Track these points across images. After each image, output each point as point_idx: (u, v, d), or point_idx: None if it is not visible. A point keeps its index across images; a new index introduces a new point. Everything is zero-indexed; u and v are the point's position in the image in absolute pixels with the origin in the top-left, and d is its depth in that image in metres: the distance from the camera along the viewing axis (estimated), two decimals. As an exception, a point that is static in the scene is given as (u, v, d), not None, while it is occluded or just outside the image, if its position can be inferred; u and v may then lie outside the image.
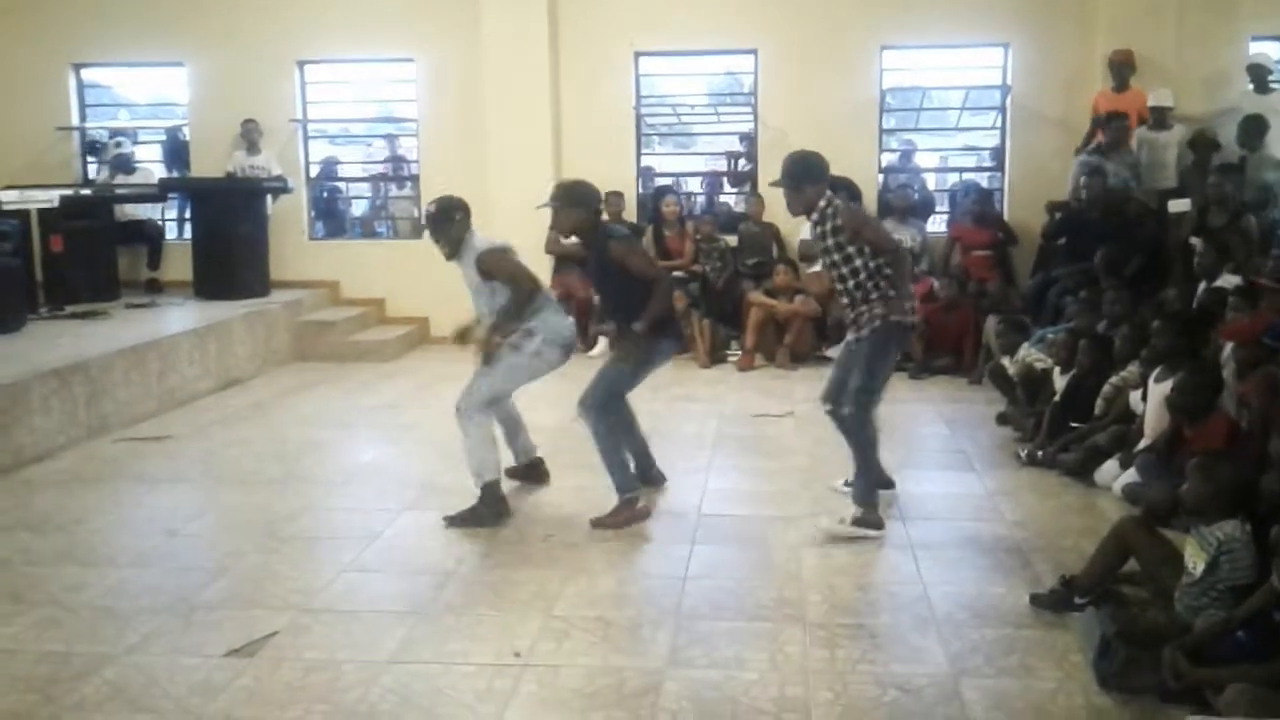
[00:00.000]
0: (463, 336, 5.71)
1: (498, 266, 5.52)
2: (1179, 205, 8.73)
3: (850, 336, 5.34)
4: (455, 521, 5.37)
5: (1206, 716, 3.16)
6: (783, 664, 3.90)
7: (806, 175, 5.22)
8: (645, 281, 5.38)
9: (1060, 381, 6.81)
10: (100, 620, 4.32)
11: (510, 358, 5.52)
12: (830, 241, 5.19)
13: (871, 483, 5.32)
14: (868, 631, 4.17)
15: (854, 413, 5.23)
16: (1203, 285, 7.29)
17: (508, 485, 5.70)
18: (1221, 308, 6.44)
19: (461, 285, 5.76)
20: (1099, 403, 6.40)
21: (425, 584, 4.68)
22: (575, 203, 5.48)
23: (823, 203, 5.20)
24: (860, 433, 5.28)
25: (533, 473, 6.05)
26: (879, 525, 5.20)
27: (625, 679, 3.79)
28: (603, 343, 10.08)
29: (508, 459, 5.92)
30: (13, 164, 10.95)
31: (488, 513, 5.40)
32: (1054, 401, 6.68)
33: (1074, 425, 6.43)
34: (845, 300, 5.27)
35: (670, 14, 10.44)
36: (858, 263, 5.13)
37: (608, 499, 5.47)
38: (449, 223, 5.58)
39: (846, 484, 5.52)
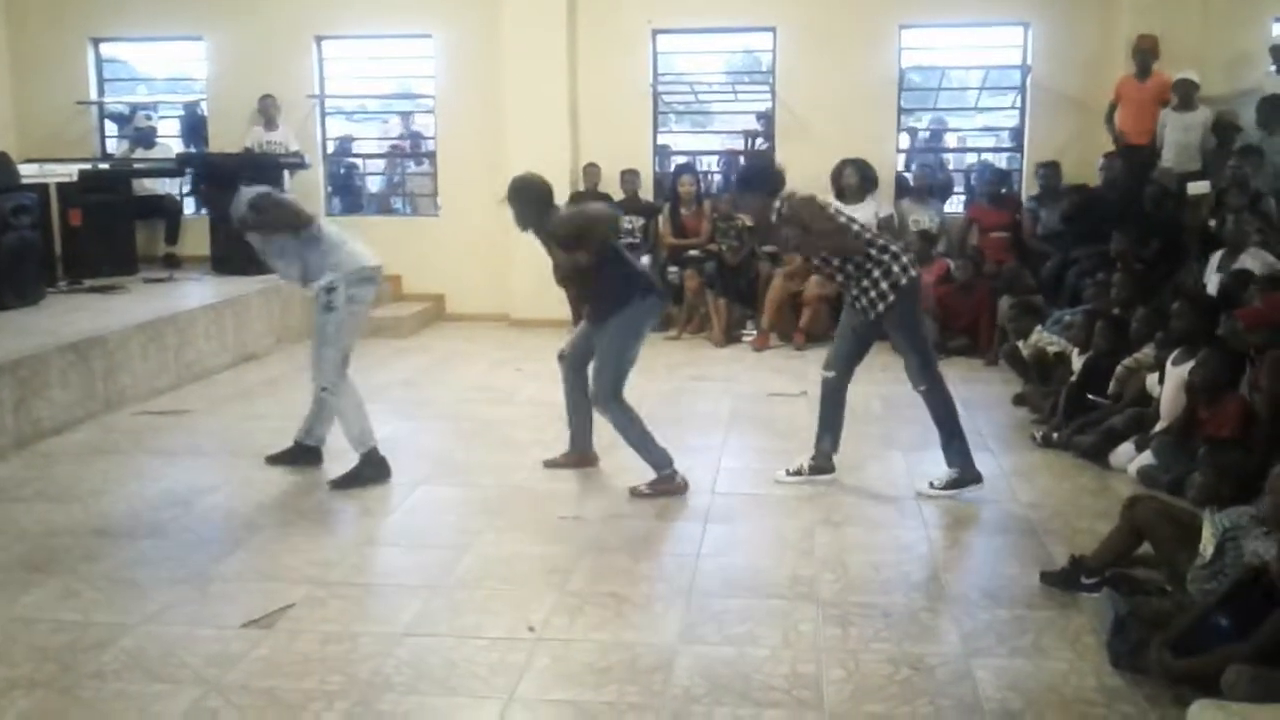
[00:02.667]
0: None
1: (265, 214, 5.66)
2: (1198, 187, 8.68)
3: (857, 316, 5.45)
4: (339, 484, 5.55)
5: (1214, 700, 3.15)
6: (795, 641, 3.91)
7: (758, 181, 5.49)
8: (610, 263, 5.44)
9: (1078, 363, 6.79)
10: (118, 591, 4.35)
11: (329, 318, 5.55)
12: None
13: (961, 445, 5.47)
14: (880, 610, 4.17)
15: (929, 387, 5.42)
16: (1216, 259, 7.28)
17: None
18: (1243, 290, 6.40)
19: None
20: (1113, 383, 6.38)
21: (440, 558, 4.70)
22: (528, 201, 5.46)
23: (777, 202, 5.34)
24: (937, 400, 5.45)
25: (305, 455, 5.95)
26: (978, 478, 5.44)
27: (638, 654, 3.81)
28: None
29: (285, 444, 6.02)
30: (32, 138, 11.02)
31: (371, 472, 5.59)
32: (1070, 383, 6.67)
33: (1091, 401, 6.41)
34: (840, 279, 5.40)
35: (689, -10, 10.39)
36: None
37: (619, 478, 5.47)
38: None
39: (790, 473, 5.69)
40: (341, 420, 5.62)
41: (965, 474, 5.42)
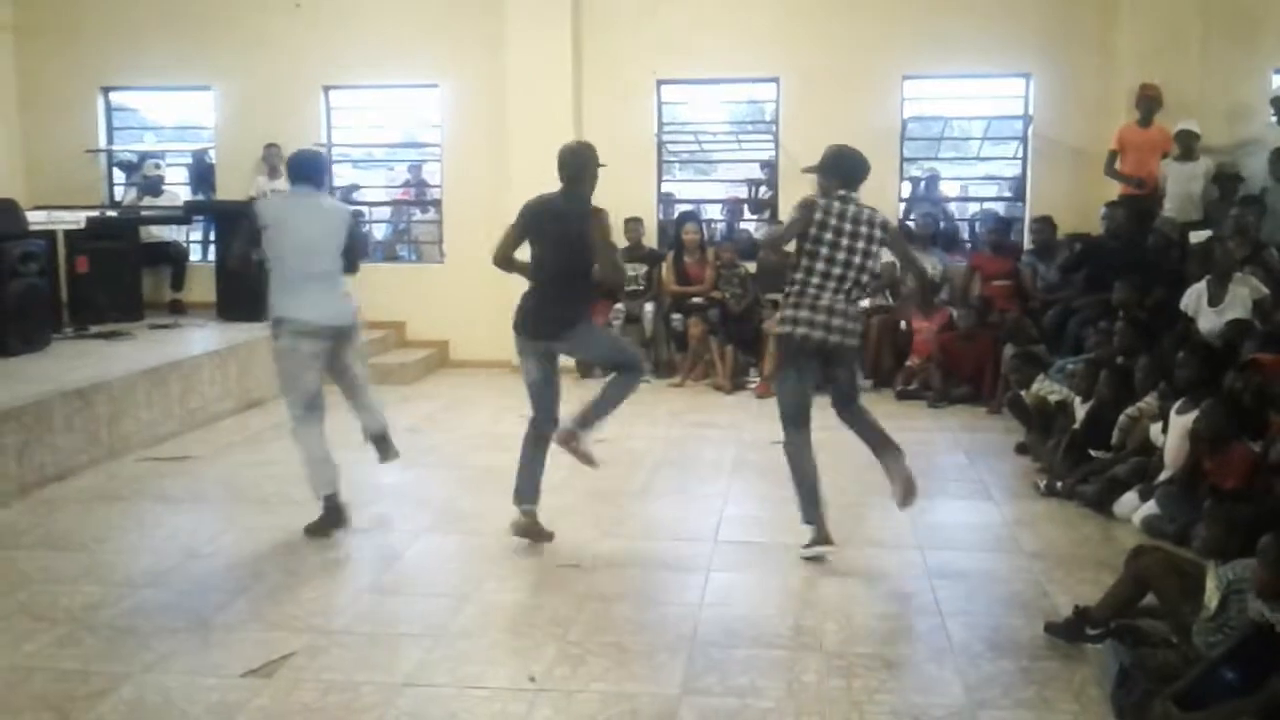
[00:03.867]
0: None
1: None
2: (1200, 237, 8.71)
3: None
4: (311, 531, 5.54)
5: None
6: (799, 692, 3.89)
7: (831, 168, 5.50)
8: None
9: (1081, 411, 6.79)
10: (119, 639, 4.34)
11: (279, 362, 5.55)
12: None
13: (813, 500, 5.28)
14: (884, 661, 4.15)
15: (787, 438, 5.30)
16: (1197, 290, 7.30)
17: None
18: (1241, 340, 6.41)
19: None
20: (1115, 432, 6.37)
21: (442, 607, 4.69)
22: (578, 174, 5.41)
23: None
24: (792, 456, 5.30)
25: (383, 444, 6.21)
26: (824, 539, 5.20)
27: (640, 705, 3.79)
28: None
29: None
30: (41, 185, 11.10)
31: (333, 519, 5.57)
32: (1073, 431, 6.66)
33: (1094, 454, 6.41)
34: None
35: (693, 42, 10.49)
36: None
37: (622, 526, 5.45)
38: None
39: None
40: (303, 461, 5.59)
41: (819, 533, 5.20)
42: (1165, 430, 5.92)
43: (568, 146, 5.43)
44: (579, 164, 5.32)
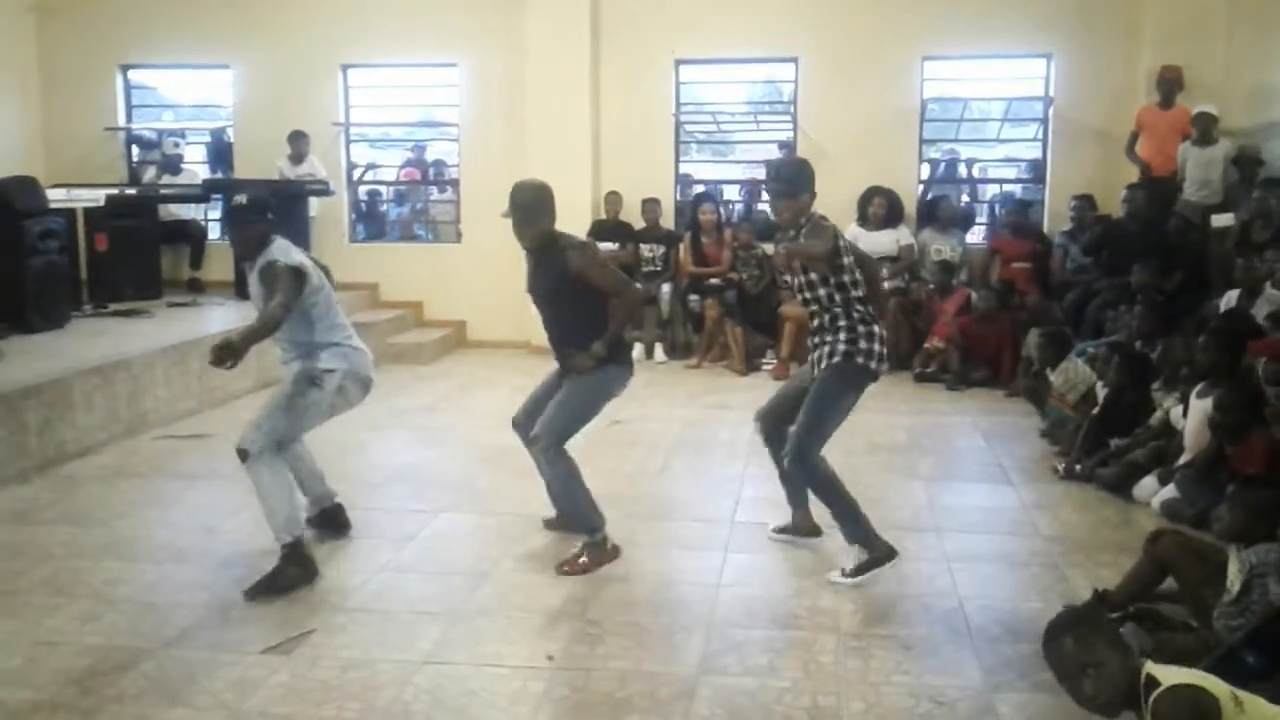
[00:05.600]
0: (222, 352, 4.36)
1: (273, 280, 4.68)
2: (1222, 219, 8.65)
3: (807, 373, 4.96)
4: (256, 591, 4.55)
5: None
6: (815, 673, 3.89)
7: (805, 182, 4.83)
8: (604, 300, 4.89)
9: (1102, 395, 6.75)
10: (140, 615, 4.37)
11: (310, 394, 4.83)
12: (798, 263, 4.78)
13: (856, 517, 4.79)
14: (902, 643, 4.15)
15: (795, 460, 4.74)
16: (1230, 297, 7.22)
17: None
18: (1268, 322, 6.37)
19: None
20: (1155, 421, 6.29)
21: (460, 585, 4.70)
22: (539, 214, 4.92)
23: (803, 220, 4.78)
24: (811, 483, 4.85)
25: (330, 521, 5.32)
26: (889, 552, 4.76)
27: (658, 685, 3.80)
28: (638, 349, 10.11)
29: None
30: (60, 163, 11.13)
31: (295, 572, 4.65)
32: (1092, 415, 6.63)
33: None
34: (814, 324, 4.87)
35: (711, 22, 10.45)
36: (821, 291, 4.75)
37: (639, 505, 5.44)
38: (253, 220, 4.89)
39: (779, 529, 5.27)
40: (262, 501, 4.69)
41: (875, 552, 4.75)
42: (1185, 414, 5.89)
43: (519, 189, 4.94)
44: (519, 214, 4.91)
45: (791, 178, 4.86)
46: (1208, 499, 5.22)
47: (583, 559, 4.86)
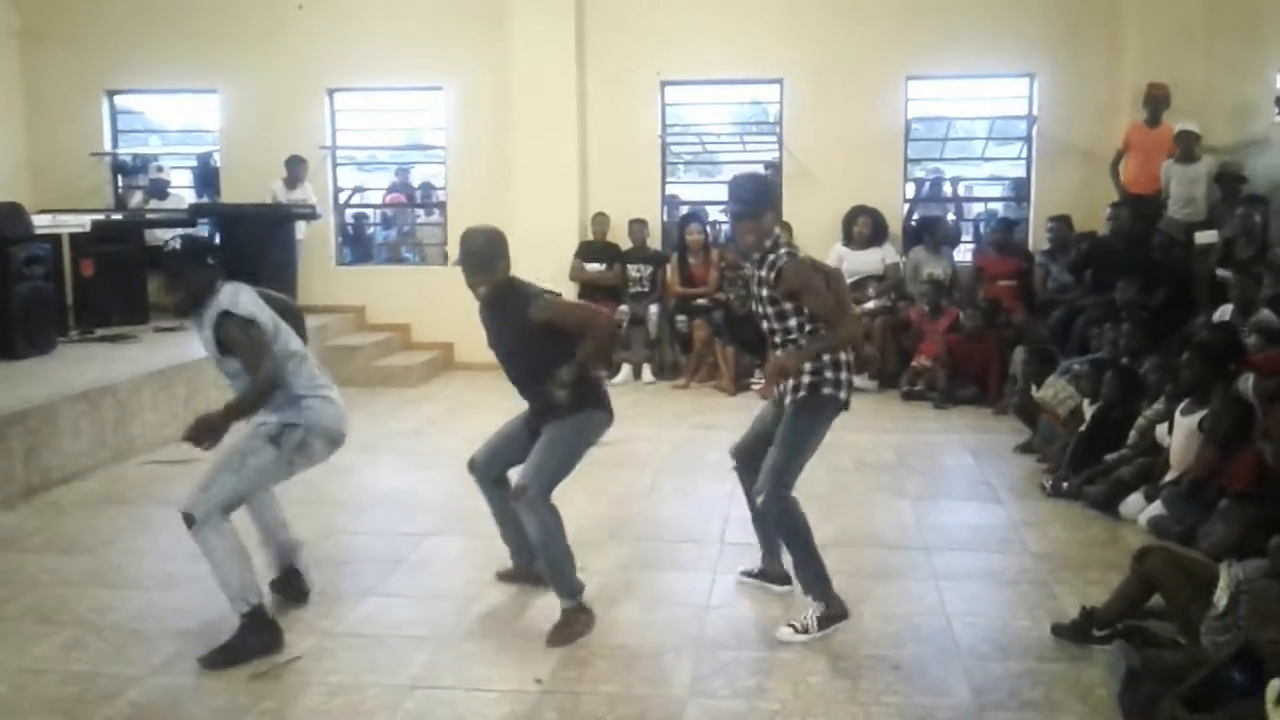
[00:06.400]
0: (200, 432, 4.17)
1: (237, 339, 4.26)
2: (1206, 236, 8.70)
3: (773, 407, 4.66)
4: (211, 663, 4.15)
5: None
6: (805, 694, 3.89)
7: (766, 200, 4.56)
8: (573, 341, 4.45)
9: (1088, 412, 6.78)
10: (127, 642, 4.35)
11: (264, 452, 4.34)
12: (764, 291, 4.52)
13: (818, 569, 4.47)
14: (891, 663, 4.15)
15: (769, 496, 4.39)
16: (1224, 311, 7.24)
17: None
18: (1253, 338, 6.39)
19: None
20: (1132, 435, 6.32)
21: (448, 609, 4.69)
22: (493, 260, 4.57)
23: (768, 243, 4.49)
24: (783, 522, 4.46)
25: (290, 587, 4.81)
26: (843, 611, 4.44)
27: (647, 707, 3.79)
28: (626, 369, 10.12)
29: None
30: (46, 189, 11.13)
31: (256, 642, 4.23)
32: (1079, 433, 6.65)
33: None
34: (779, 355, 4.55)
35: (696, 43, 10.50)
36: (792, 321, 4.49)
37: (627, 527, 5.41)
38: (193, 269, 4.43)
39: (747, 573, 4.97)
40: (213, 570, 4.25)
41: (831, 607, 4.42)
42: (1170, 431, 5.91)
43: (469, 235, 4.63)
44: (471, 261, 4.58)
45: (750, 198, 4.47)
46: (1195, 516, 5.23)
47: (575, 627, 4.42)
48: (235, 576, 4.22)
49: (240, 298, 4.33)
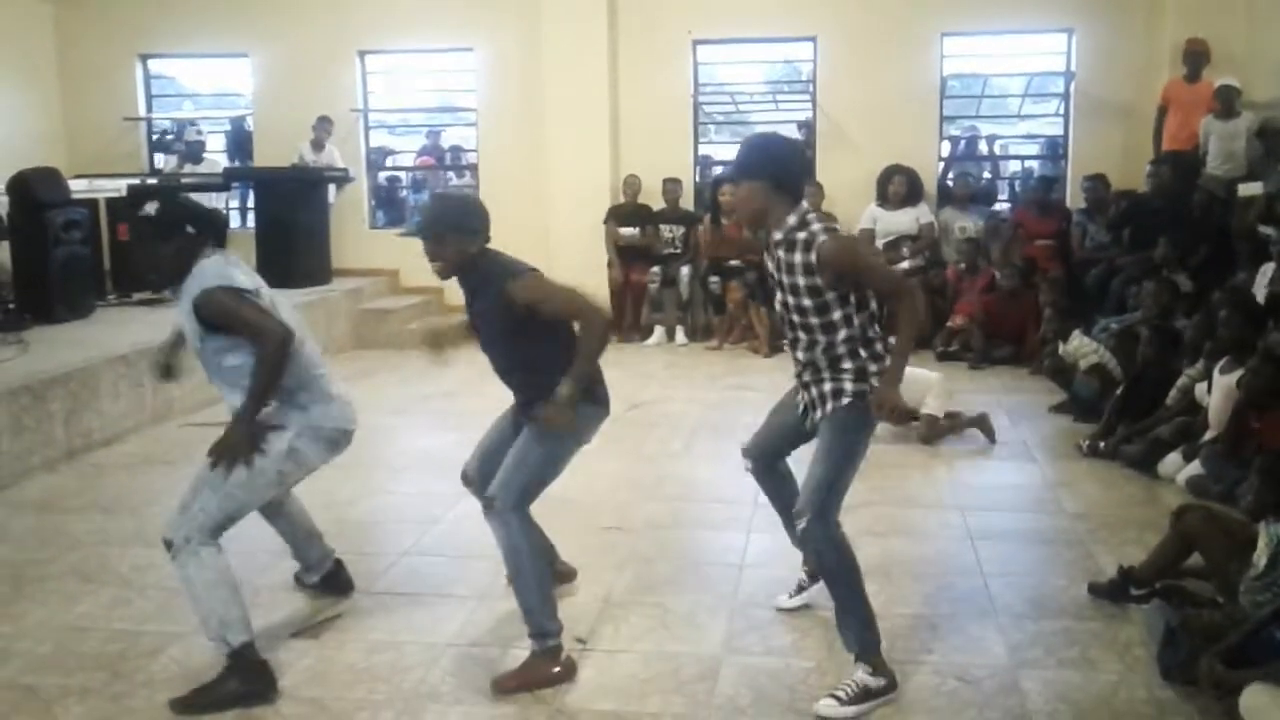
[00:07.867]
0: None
1: (224, 313, 3.75)
2: (1251, 188, 8.55)
3: (792, 411, 3.93)
4: (182, 705, 3.57)
5: (1267, 685, 3.11)
6: (839, 652, 3.87)
7: (767, 163, 3.63)
8: (556, 333, 3.88)
9: (1114, 371, 6.72)
10: (168, 600, 4.39)
11: (257, 473, 3.79)
12: (801, 280, 3.58)
13: (867, 621, 3.65)
14: (927, 622, 4.14)
15: (813, 522, 3.58)
16: (1266, 270, 7.14)
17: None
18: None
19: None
20: (1173, 394, 6.24)
21: (484, 569, 4.71)
22: (448, 230, 4.00)
23: (793, 219, 3.59)
24: (828, 554, 3.64)
25: (333, 584, 4.47)
26: (892, 683, 3.58)
27: (682, 665, 3.81)
28: (658, 331, 10.10)
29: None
30: (82, 154, 11.21)
31: (239, 688, 3.60)
32: (1117, 394, 6.59)
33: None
34: (802, 357, 3.76)
35: (729, 2, 10.41)
36: (836, 314, 3.59)
37: (662, 488, 5.42)
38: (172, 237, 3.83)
39: (799, 591, 4.28)
40: (192, 602, 3.67)
41: (877, 674, 3.56)
42: (1210, 390, 5.85)
43: (432, 199, 4.20)
44: (424, 230, 4.02)
45: (742, 158, 3.71)
46: (1233, 475, 5.19)
47: (534, 674, 3.69)
48: (215, 612, 3.62)
49: (230, 270, 3.79)
